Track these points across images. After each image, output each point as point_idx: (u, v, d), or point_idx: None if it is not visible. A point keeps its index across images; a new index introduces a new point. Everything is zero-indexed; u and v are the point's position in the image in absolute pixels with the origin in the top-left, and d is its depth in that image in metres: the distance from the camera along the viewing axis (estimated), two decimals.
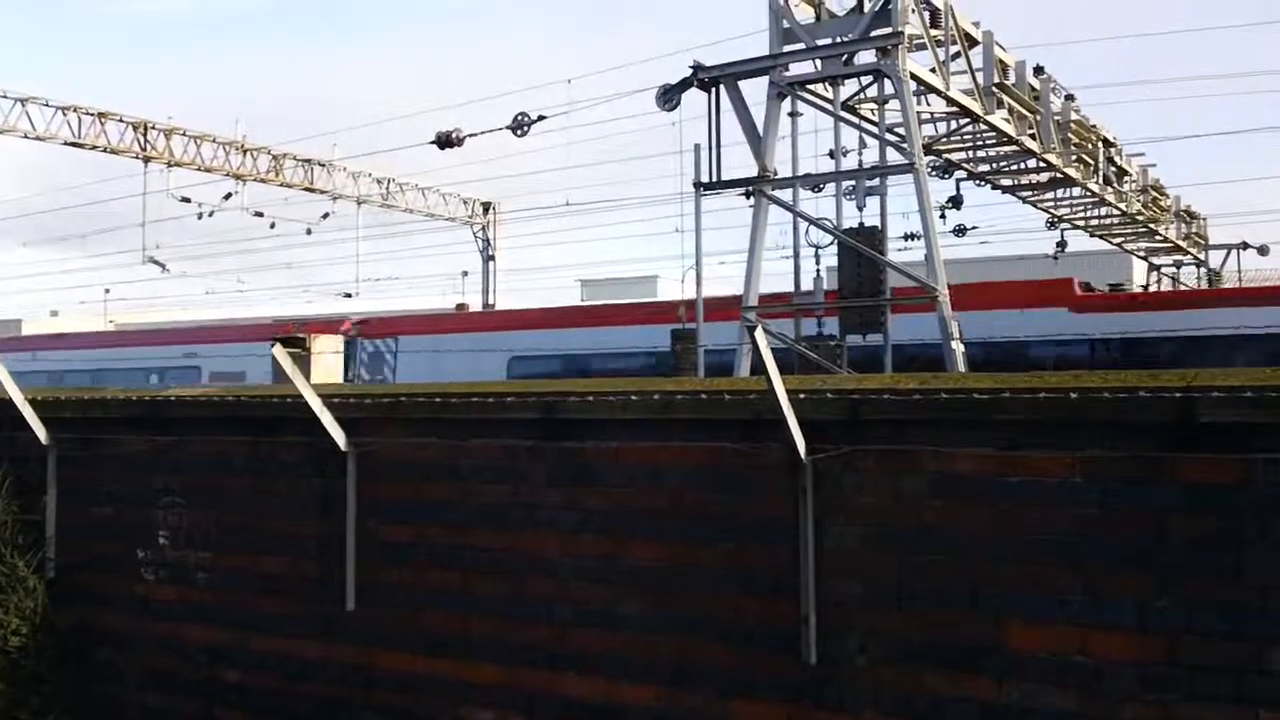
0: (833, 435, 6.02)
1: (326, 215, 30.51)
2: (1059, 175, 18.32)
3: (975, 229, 23.68)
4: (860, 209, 12.93)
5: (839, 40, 13.16)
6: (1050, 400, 5.50)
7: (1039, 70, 16.30)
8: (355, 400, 7.90)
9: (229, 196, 28.00)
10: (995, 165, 18.95)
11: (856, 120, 14.41)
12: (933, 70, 13.46)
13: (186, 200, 27.44)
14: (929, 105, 14.73)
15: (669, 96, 13.86)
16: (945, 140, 16.99)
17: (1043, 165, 17.74)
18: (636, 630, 6.59)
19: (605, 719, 6.68)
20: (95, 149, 25.25)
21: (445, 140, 26.46)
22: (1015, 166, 18.83)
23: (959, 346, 12.15)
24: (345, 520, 7.71)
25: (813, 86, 13.47)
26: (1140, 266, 26.59)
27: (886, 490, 5.91)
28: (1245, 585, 5.08)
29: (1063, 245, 23.67)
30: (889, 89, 12.97)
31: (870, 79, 13.43)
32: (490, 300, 34.47)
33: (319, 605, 7.89)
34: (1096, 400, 5.41)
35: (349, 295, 33.24)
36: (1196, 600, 5.17)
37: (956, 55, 13.99)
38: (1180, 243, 25.29)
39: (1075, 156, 18.31)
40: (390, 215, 33.03)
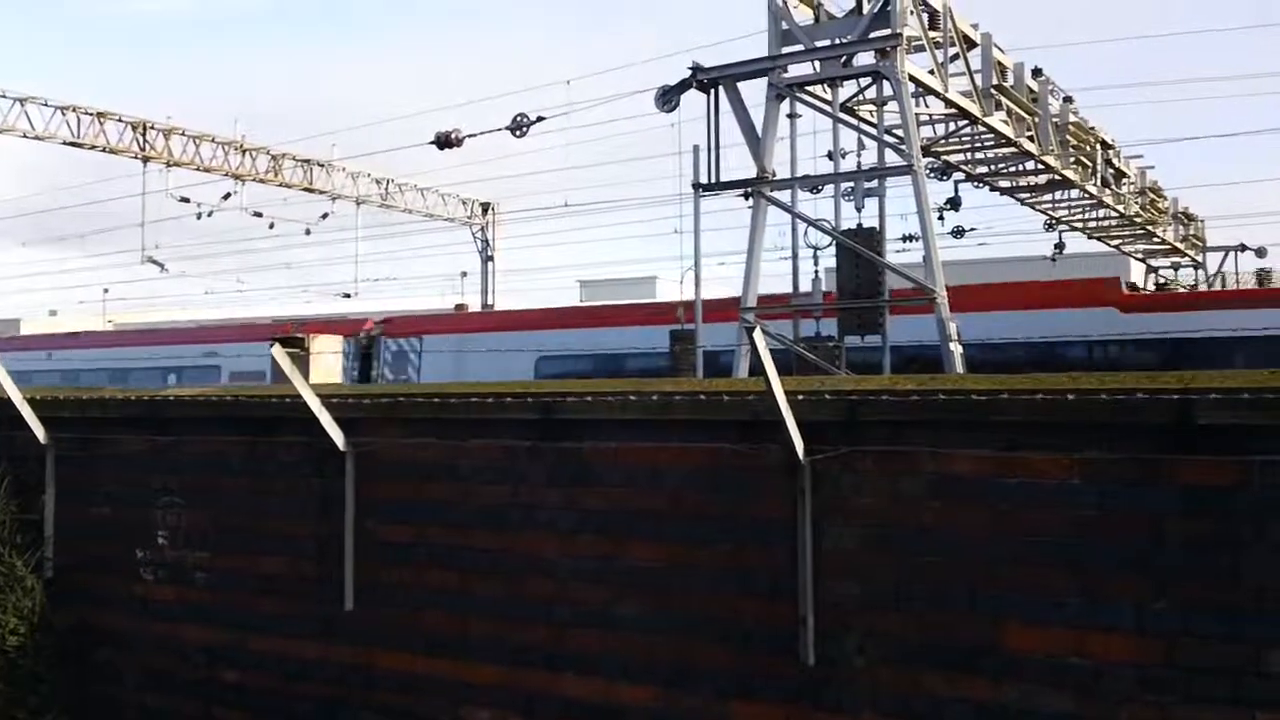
0: (831, 436, 6.03)
1: (325, 215, 30.54)
2: (1057, 177, 18.33)
3: (973, 230, 23.80)
4: (859, 210, 12.93)
5: (838, 42, 13.17)
6: (1048, 402, 5.51)
7: (1037, 72, 16.31)
8: (354, 400, 7.90)
9: (228, 196, 28.01)
10: (993, 167, 18.95)
11: (855, 122, 14.43)
12: (931, 72, 13.47)
13: (185, 200, 27.45)
14: (927, 107, 14.75)
15: (668, 97, 13.86)
16: (944, 142, 16.99)
17: (1041, 167, 17.74)
18: (635, 631, 6.60)
19: (603, 719, 6.69)
20: (94, 149, 25.23)
21: (444, 141, 26.45)
22: (1013, 168, 18.83)
23: (957, 348, 12.16)
24: (344, 520, 7.71)
25: (811, 88, 13.48)
26: (1138, 268, 26.59)
27: (885, 491, 5.91)
28: (1242, 587, 5.09)
29: (1060, 247, 23.70)
30: (887, 90, 12.97)
31: (869, 80, 13.43)
32: (489, 301, 34.43)
33: (318, 605, 7.89)
34: (1094, 402, 5.42)
35: (348, 295, 33.23)
36: (1194, 602, 5.18)
37: (955, 57, 13.99)
38: (1178, 244, 25.31)
39: (1073, 158, 18.33)
40: (389, 215, 33.06)
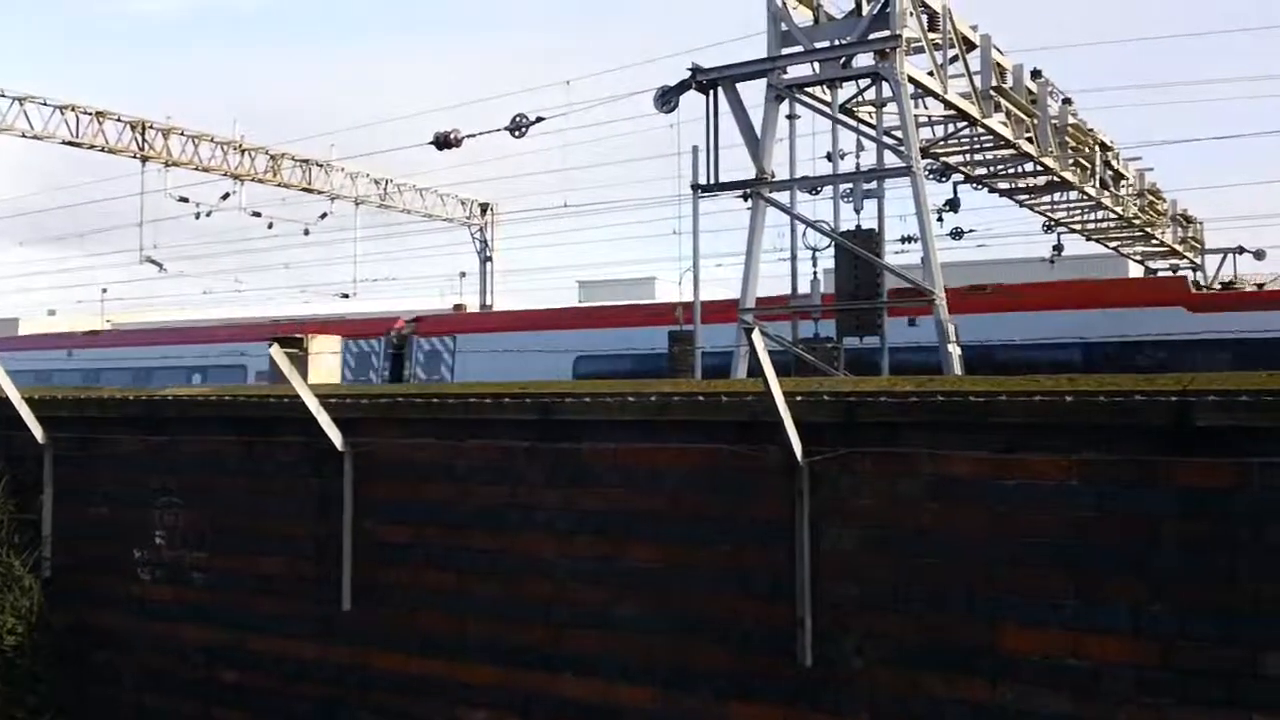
0: (829, 437, 6.03)
1: (324, 215, 30.48)
2: (1056, 179, 18.35)
3: (972, 232, 23.83)
4: (858, 212, 12.95)
5: (837, 43, 13.19)
6: (1046, 403, 5.51)
7: (1036, 73, 16.33)
8: (352, 400, 7.90)
9: (227, 196, 27.97)
10: (992, 168, 18.98)
11: (854, 123, 14.45)
12: (930, 73, 13.48)
13: (184, 200, 27.41)
14: (927, 108, 14.77)
15: (667, 98, 13.87)
16: (943, 143, 17.01)
17: (1040, 169, 17.75)
18: (633, 631, 6.59)
19: None
20: (93, 148, 25.19)
21: (443, 141, 26.43)
22: (1012, 170, 18.85)
23: (955, 350, 12.16)
24: (342, 520, 7.70)
25: (811, 89, 13.49)
26: (1137, 270, 26.61)
27: (883, 492, 5.91)
28: (1239, 590, 5.09)
29: (1059, 249, 23.74)
30: (887, 92, 12.99)
31: (868, 82, 13.44)
32: (488, 301, 34.42)
33: (316, 605, 7.89)
34: (1092, 404, 5.42)
35: (346, 296, 33.21)
36: (1191, 604, 5.18)
37: (954, 58, 14.00)
38: (1177, 247, 25.32)
39: (1072, 160, 18.35)
40: (388, 216, 33.00)
